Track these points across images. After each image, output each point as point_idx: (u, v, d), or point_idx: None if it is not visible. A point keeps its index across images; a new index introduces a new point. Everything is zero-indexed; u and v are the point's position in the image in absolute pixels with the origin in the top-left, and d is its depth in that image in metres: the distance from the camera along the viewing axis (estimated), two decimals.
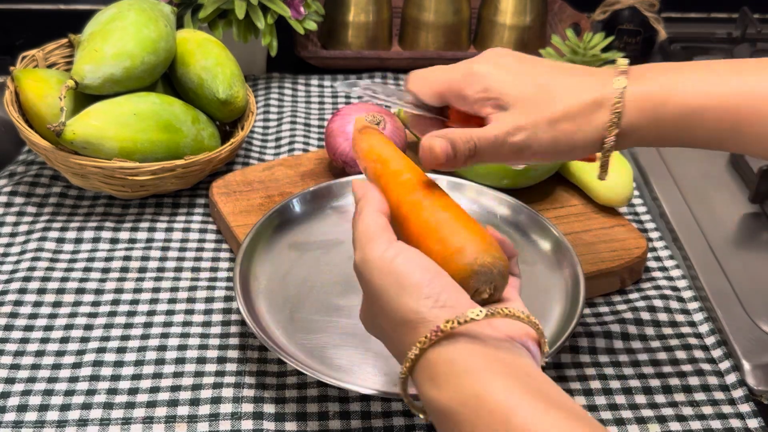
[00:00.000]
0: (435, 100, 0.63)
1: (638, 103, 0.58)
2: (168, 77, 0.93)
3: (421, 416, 0.55)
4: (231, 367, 0.72)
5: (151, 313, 0.77)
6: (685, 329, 0.78)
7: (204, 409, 0.68)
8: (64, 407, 0.68)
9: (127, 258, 0.83)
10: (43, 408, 0.68)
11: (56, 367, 0.72)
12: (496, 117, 0.60)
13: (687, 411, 0.70)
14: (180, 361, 0.72)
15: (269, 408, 0.69)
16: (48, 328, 0.75)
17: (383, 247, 0.55)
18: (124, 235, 0.86)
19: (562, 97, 0.59)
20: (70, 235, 0.85)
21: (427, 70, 0.64)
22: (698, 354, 0.76)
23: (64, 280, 0.80)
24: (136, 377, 0.71)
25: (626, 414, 0.70)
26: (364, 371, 0.67)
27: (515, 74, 0.60)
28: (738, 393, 0.72)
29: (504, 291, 0.58)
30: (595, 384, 0.73)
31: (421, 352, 0.51)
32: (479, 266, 0.55)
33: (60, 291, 0.79)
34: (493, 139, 0.59)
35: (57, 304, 0.78)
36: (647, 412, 0.70)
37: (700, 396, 0.72)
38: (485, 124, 0.61)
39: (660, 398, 0.72)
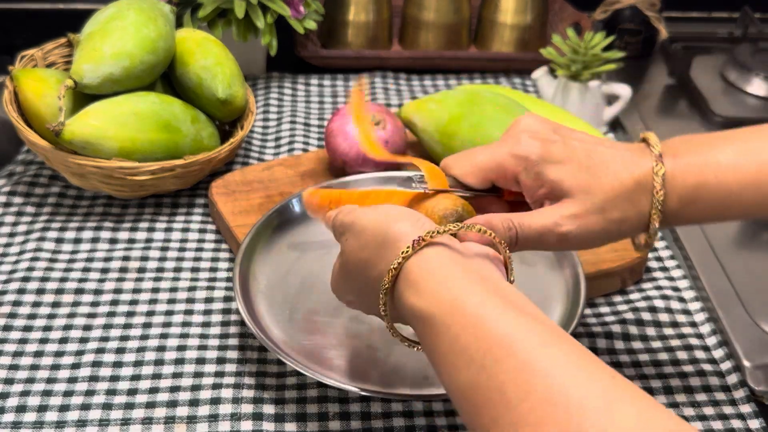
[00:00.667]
0: (482, 184, 0.64)
1: (677, 190, 0.59)
2: (167, 77, 0.93)
3: (398, 339, 0.59)
4: (230, 367, 0.72)
5: (150, 313, 0.77)
6: (687, 330, 0.78)
7: (203, 410, 0.68)
8: (63, 408, 0.68)
9: (126, 258, 0.83)
10: (42, 409, 0.67)
11: (55, 367, 0.71)
12: (550, 205, 0.60)
13: (688, 411, 0.70)
14: (179, 361, 0.72)
15: (269, 409, 0.68)
16: (47, 328, 0.75)
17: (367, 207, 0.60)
18: (123, 235, 0.86)
19: (608, 180, 0.60)
20: (69, 235, 0.85)
21: (463, 153, 0.64)
22: (699, 354, 0.76)
23: (63, 280, 0.80)
24: (136, 378, 0.71)
25: None
26: (364, 372, 0.67)
27: (564, 153, 0.61)
28: (739, 393, 0.72)
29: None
30: None
31: (404, 259, 0.54)
32: (444, 203, 0.61)
33: (59, 291, 0.79)
34: (540, 229, 0.60)
35: (56, 305, 0.77)
36: None
37: (701, 396, 0.72)
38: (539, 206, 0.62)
39: (661, 399, 0.71)
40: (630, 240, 0.64)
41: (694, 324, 0.79)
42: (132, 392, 0.69)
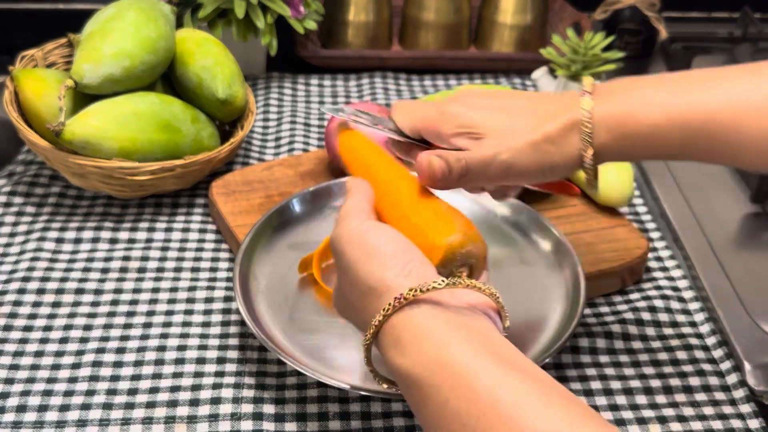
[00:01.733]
0: (413, 134, 0.66)
1: (606, 122, 0.60)
2: (167, 77, 0.93)
3: (384, 386, 0.58)
4: (231, 367, 0.72)
5: (150, 313, 0.77)
6: (686, 329, 0.78)
7: (204, 410, 0.68)
8: (64, 408, 0.68)
9: (126, 258, 0.83)
10: (42, 408, 0.68)
11: (55, 367, 0.71)
12: (474, 145, 0.62)
13: (688, 411, 0.70)
14: (179, 361, 0.72)
15: (269, 408, 0.68)
16: (47, 328, 0.75)
17: (357, 222, 0.58)
18: (123, 235, 0.86)
19: (541, 122, 0.61)
20: (69, 235, 0.85)
21: (409, 103, 0.67)
22: (699, 354, 0.76)
23: (63, 280, 0.80)
24: (136, 378, 0.71)
25: (627, 414, 0.70)
26: (364, 372, 0.67)
27: (489, 111, 0.63)
28: (739, 393, 0.72)
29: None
30: (596, 384, 0.72)
31: (384, 318, 0.53)
32: (456, 247, 0.58)
33: (59, 291, 0.79)
34: (482, 158, 0.61)
35: (56, 305, 0.78)
36: (648, 413, 0.70)
37: (701, 396, 0.72)
38: None
39: (661, 399, 0.71)
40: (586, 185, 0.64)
41: (693, 324, 0.79)
42: (132, 392, 0.69)
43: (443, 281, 0.53)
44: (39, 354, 0.73)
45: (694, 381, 0.73)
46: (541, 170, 0.61)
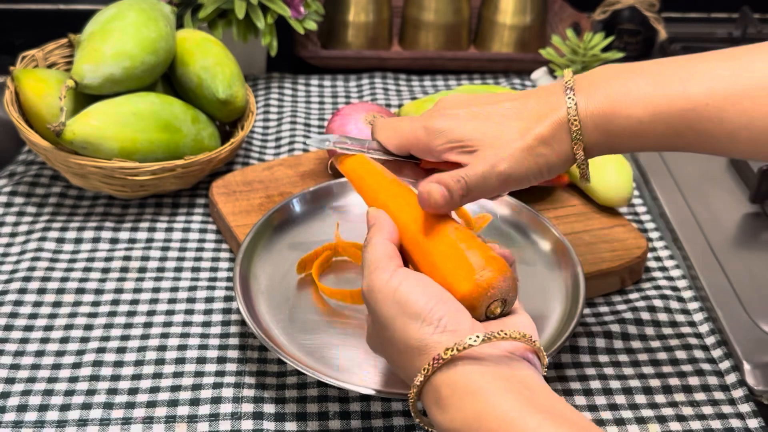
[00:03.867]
0: (400, 152, 0.65)
1: (592, 120, 0.60)
2: (168, 77, 0.93)
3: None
4: (231, 367, 0.72)
5: (151, 313, 0.77)
6: (685, 329, 0.78)
7: (204, 409, 0.68)
8: (64, 407, 0.68)
9: (127, 258, 0.83)
10: (43, 408, 0.68)
11: (56, 367, 0.72)
12: (469, 159, 0.61)
13: (687, 411, 0.70)
14: (180, 361, 0.72)
15: (269, 408, 0.69)
16: (48, 328, 0.75)
17: (387, 275, 0.57)
18: (123, 235, 0.86)
19: (530, 125, 0.61)
20: (70, 235, 0.85)
21: (390, 121, 0.66)
22: (698, 354, 0.76)
23: (63, 280, 0.80)
24: (136, 377, 0.71)
25: (626, 414, 0.70)
26: (364, 371, 0.67)
27: (475, 120, 0.62)
28: (738, 393, 0.72)
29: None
30: (595, 384, 0.73)
31: (425, 378, 0.54)
32: (488, 287, 0.57)
33: (60, 291, 0.79)
34: (480, 173, 0.60)
35: (57, 304, 0.78)
36: (647, 412, 0.70)
37: (700, 396, 0.72)
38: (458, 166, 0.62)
39: (660, 398, 0.71)
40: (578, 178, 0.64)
41: (693, 323, 0.79)
42: (133, 391, 0.70)
43: (478, 337, 0.53)
44: (40, 353, 0.73)
45: (694, 380, 0.73)
46: (539, 172, 0.61)
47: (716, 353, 0.76)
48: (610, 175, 0.86)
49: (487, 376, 0.52)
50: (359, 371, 0.67)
